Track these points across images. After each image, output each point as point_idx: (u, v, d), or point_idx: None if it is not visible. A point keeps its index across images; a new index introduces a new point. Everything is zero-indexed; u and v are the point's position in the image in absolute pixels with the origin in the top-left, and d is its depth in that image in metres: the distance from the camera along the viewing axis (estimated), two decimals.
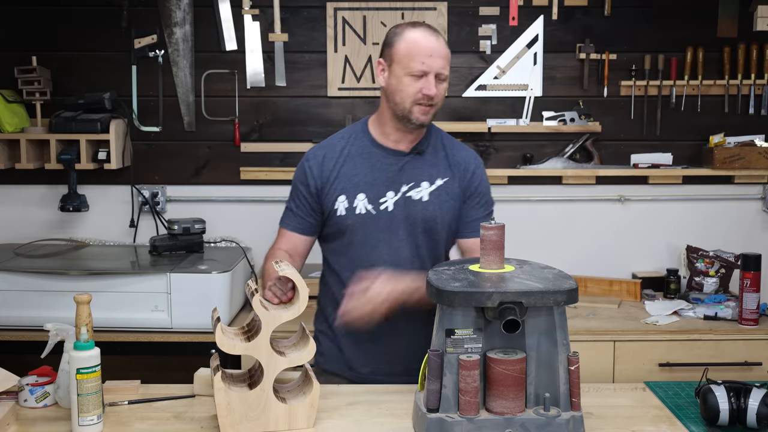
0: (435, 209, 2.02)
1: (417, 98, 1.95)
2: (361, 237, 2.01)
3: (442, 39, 1.99)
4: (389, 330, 1.98)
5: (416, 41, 1.94)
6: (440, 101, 1.99)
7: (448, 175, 2.05)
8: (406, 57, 1.94)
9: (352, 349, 2.06)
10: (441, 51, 1.95)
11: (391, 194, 2.01)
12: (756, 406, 1.62)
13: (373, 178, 2.01)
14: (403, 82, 1.95)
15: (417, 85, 1.94)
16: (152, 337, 2.67)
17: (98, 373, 1.62)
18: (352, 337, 2.03)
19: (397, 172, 2.02)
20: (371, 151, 2.03)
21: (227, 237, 3.16)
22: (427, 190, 2.02)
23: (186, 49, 3.13)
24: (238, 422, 1.61)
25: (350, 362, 2.07)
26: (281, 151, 3.17)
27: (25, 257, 2.89)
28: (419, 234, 2.02)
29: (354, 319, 1.88)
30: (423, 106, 1.95)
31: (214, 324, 1.65)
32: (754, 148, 3.09)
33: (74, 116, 2.98)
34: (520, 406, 1.55)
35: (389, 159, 2.03)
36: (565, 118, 3.14)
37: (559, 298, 1.53)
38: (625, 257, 3.23)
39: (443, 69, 1.95)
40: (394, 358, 2.03)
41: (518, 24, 3.14)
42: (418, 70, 1.93)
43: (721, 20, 3.14)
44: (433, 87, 1.93)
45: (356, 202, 2.01)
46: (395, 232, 2.01)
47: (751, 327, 2.67)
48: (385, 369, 2.04)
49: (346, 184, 2.01)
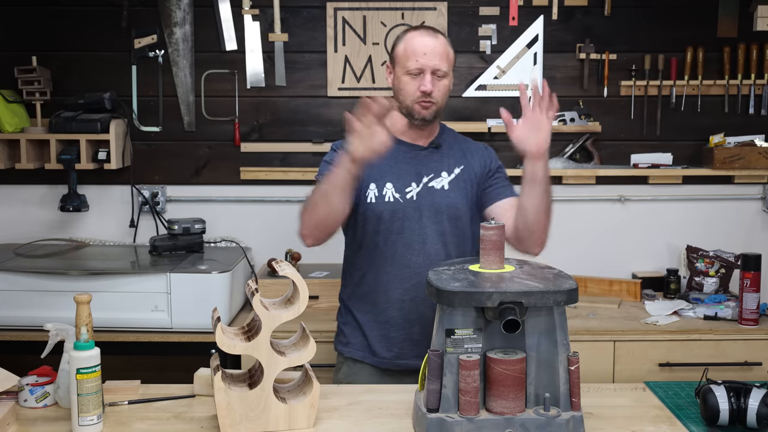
0: (457, 196, 2.13)
1: (416, 96, 2.06)
2: (389, 224, 2.10)
3: (442, 38, 2.10)
4: (411, 315, 2.10)
5: (412, 41, 2.08)
6: (441, 98, 2.09)
7: (463, 163, 2.17)
8: (403, 57, 2.08)
9: (376, 336, 2.14)
10: (437, 49, 2.06)
11: (414, 185, 2.12)
12: (756, 406, 1.62)
13: (398, 169, 2.12)
14: (403, 81, 2.08)
15: (415, 83, 2.06)
16: (152, 337, 2.67)
17: (98, 373, 1.62)
18: (375, 324, 2.13)
19: (418, 164, 2.14)
20: (395, 146, 2.08)
21: (227, 237, 3.16)
22: (447, 180, 2.14)
23: (186, 49, 3.13)
24: (238, 422, 1.61)
25: (374, 348, 2.14)
26: (281, 151, 3.17)
27: (25, 257, 2.89)
28: (444, 220, 2.12)
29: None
30: (422, 103, 2.07)
31: (214, 324, 1.65)
32: (754, 148, 3.09)
33: (74, 116, 2.98)
34: (520, 406, 1.55)
35: (410, 153, 2.15)
36: (565, 118, 3.14)
37: (559, 298, 1.53)
38: (625, 257, 3.23)
39: (439, 66, 2.05)
40: (417, 341, 2.10)
41: (518, 24, 3.14)
42: (413, 69, 2.05)
43: (721, 20, 3.14)
44: (428, 84, 2.04)
45: (385, 190, 2.11)
46: (420, 219, 2.10)
47: (751, 327, 2.67)
48: (409, 353, 2.11)
49: (376, 174, 2.10)
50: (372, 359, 2.16)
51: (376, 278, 2.13)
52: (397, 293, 2.10)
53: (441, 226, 2.12)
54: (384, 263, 2.11)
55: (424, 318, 2.07)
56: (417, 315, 2.10)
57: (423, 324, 2.08)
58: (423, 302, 2.07)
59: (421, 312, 2.09)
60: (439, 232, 2.12)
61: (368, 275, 2.14)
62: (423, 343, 2.04)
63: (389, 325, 2.12)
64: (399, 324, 2.11)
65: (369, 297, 2.15)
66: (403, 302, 2.10)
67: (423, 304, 2.08)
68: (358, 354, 2.17)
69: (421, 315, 2.09)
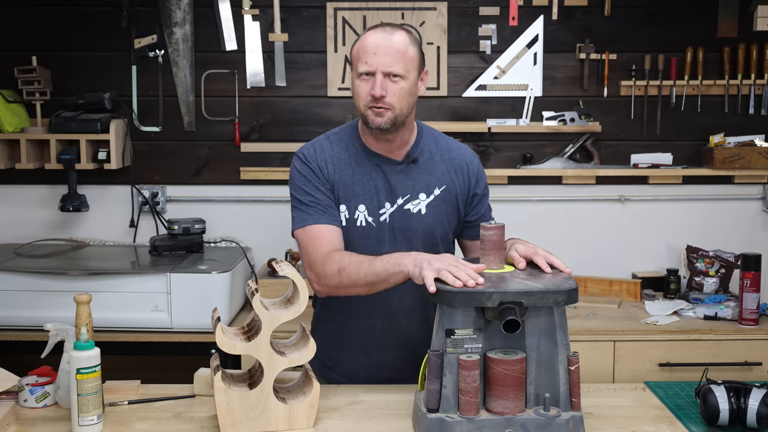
0: (434, 222, 1.95)
1: (367, 101, 1.83)
2: (361, 249, 1.89)
3: (401, 35, 1.84)
4: (382, 340, 1.98)
5: (364, 41, 1.85)
6: (398, 102, 1.83)
7: (446, 181, 1.97)
8: (355, 58, 1.86)
9: (345, 359, 2.02)
10: (389, 48, 1.81)
11: (387, 206, 1.93)
12: (756, 406, 1.62)
13: (371, 188, 1.93)
14: (355, 84, 1.86)
15: (367, 87, 1.83)
16: (152, 337, 2.67)
17: (98, 373, 1.62)
18: (346, 347, 2.00)
19: (393, 183, 1.93)
20: (366, 159, 1.95)
21: (227, 237, 3.16)
22: (425, 202, 1.94)
23: (186, 49, 3.13)
24: (238, 422, 1.61)
25: (344, 370, 2.03)
26: (281, 151, 3.17)
27: (25, 257, 2.89)
28: (419, 247, 1.92)
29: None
30: (374, 109, 1.83)
31: (214, 324, 1.65)
32: (754, 148, 3.09)
33: (74, 116, 2.98)
34: (520, 406, 1.55)
35: (384, 167, 1.94)
36: (565, 118, 3.14)
37: (559, 298, 1.53)
38: (625, 257, 3.23)
39: (391, 66, 1.80)
40: (386, 367, 2.00)
41: (518, 24, 3.14)
42: (363, 71, 1.83)
43: (721, 20, 3.14)
44: (378, 87, 1.80)
45: (357, 213, 1.92)
46: (394, 244, 1.93)
47: (751, 327, 2.67)
48: (377, 377, 1.98)
49: (347, 193, 1.93)
50: (342, 380, 2.01)
51: (348, 304, 1.96)
52: (368, 319, 1.97)
53: (415, 251, 1.84)
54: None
55: (397, 343, 1.98)
56: (391, 339, 1.98)
57: (393, 350, 1.98)
58: (395, 328, 1.97)
59: (393, 337, 1.98)
60: None
61: (337, 302, 1.96)
62: (393, 368, 1.97)
63: (358, 351, 2.00)
64: (368, 350, 1.99)
65: (338, 320, 2.01)
66: (375, 328, 1.97)
67: (395, 329, 1.97)
68: (326, 374, 2.03)
69: (394, 340, 1.98)
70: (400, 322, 1.99)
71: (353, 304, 1.95)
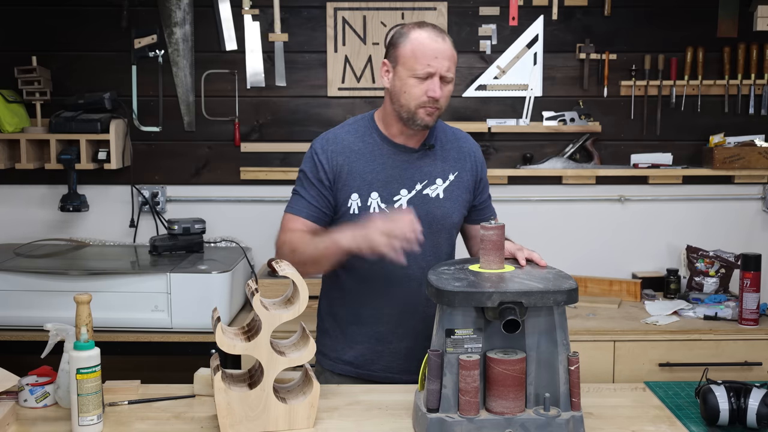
0: (452, 206, 2.03)
1: (422, 101, 1.91)
2: None
3: (449, 40, 1.95)
4: (398, 329, 2.02)
5: (422, 43, 1.91)
6: (445, 103, 1.96)
7: (458, 167, 2.05)
8: (411, 59, 1.91)
9: (361, 350, 2.05)
10: (447, 52, 1.92)
11: (404, 192, 1.99)
12: (756, 406, 1.62)
13: (386, 175, 1.98)
14: (408, 83, 1.92)
15: (422, 87, 1.91)
16: (152, 337, 2.67)
17: (98, 373, 1.62)
18: (361, 337, 2.04)
19: (410, 170, 2.00)
20: (382, 148, 2.00)
21: (227, 237, 3.16)
22: (442, 187, 2.02)
23: (186, 49, 3.13)
24: (238, 422, 1.61)
25: (358, 362, 2.05)
26: (281, 151, 3.17)
27: (25, 257, 2.89)
28: (441, 232, 2.01)
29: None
30: (428, 108, 1.92)
31: (214, 324, 1.65)
32: (754, 148, 3.09)
33: (74, 116, 2.98)
34: (520, 406, 1.55)
35: (401, 156, 2.01)
36: (565, 118, 3.14)
37: (559, 298, 1.53)
38: (625, 257, 3.23)
39: (449, 71, 1.92)
40: (405, 356, 2.03)
41: (518, 24, 3.14)
42: (423, 73, 1.90)
43: (721, 20, 3.14)
44: (438, 89, 1.90)
45: (370, 200, 1.97)
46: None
47: (751, 327, 2.67)
48: (396, 367, 2.03)
49: (359, 182, 1.97)
50: (354, 372, 2.06)
51: (363, 293, 2.02)
52: (386, 309, 2.01)
53: (437, 239, 2.01)
54: (371, 279, 1.98)
55: (414, 332, 2.00)
56: (405, 329, 2.02)
57: (413, 338, 2.00)
58: (412, 316, 2.00)
59: (410, 326, 2.01)
60: (433, 243, 2.00)
61: (354, 291, 2.03)
62: (411, 358, 1.99)
63: (375, 340, 2.03)
64: (386, 338, 2.02)
65: (353, 309, 2.04)
66: (392, 317, 2.01)
67: (412, 318, 2.00)
68: (338, 368, 2.07)
69: (411, 329, 2.01)
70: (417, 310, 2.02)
71: (366, 293, 2.01)
